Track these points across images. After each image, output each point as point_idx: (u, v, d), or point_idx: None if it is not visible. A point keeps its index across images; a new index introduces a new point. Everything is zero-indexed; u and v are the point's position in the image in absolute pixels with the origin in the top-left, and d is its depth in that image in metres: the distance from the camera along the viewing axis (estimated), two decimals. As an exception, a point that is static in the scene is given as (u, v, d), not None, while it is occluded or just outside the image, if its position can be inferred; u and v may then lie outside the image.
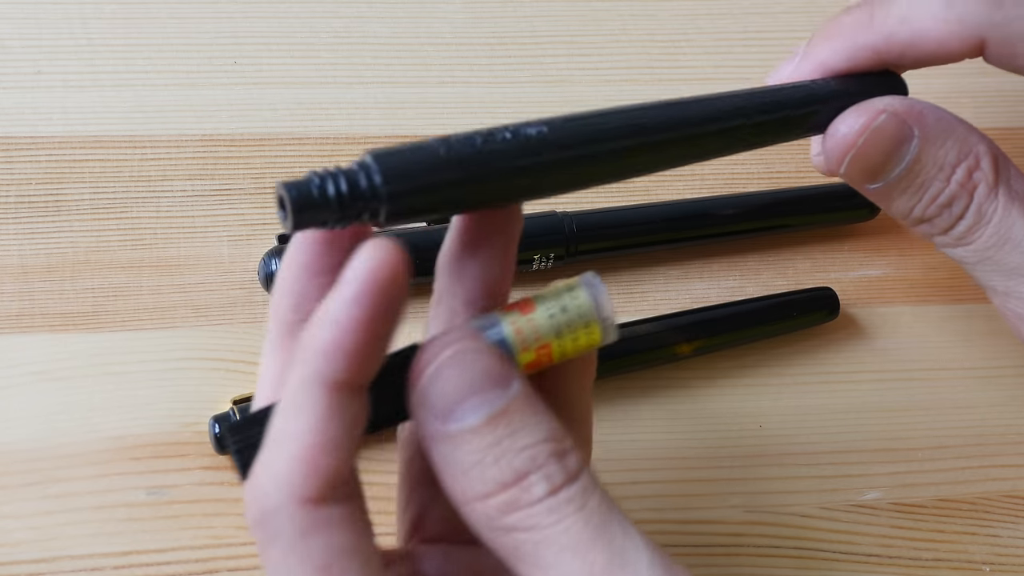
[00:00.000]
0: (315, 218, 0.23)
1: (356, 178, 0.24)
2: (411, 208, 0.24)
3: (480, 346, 0.24)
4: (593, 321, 0.26)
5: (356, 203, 0.24)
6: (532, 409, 0.24)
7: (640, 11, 0.48)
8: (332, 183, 0.24)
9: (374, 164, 0.24)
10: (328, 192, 0.23)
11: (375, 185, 0.24)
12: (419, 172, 0.24)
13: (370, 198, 0.24)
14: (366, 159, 0.24)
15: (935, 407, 0.42)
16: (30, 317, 0.38)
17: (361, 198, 0.24)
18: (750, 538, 0.38)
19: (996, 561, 0.39)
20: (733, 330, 0.41)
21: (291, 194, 0.23)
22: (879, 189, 0.32)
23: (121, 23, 0.44)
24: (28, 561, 0.34)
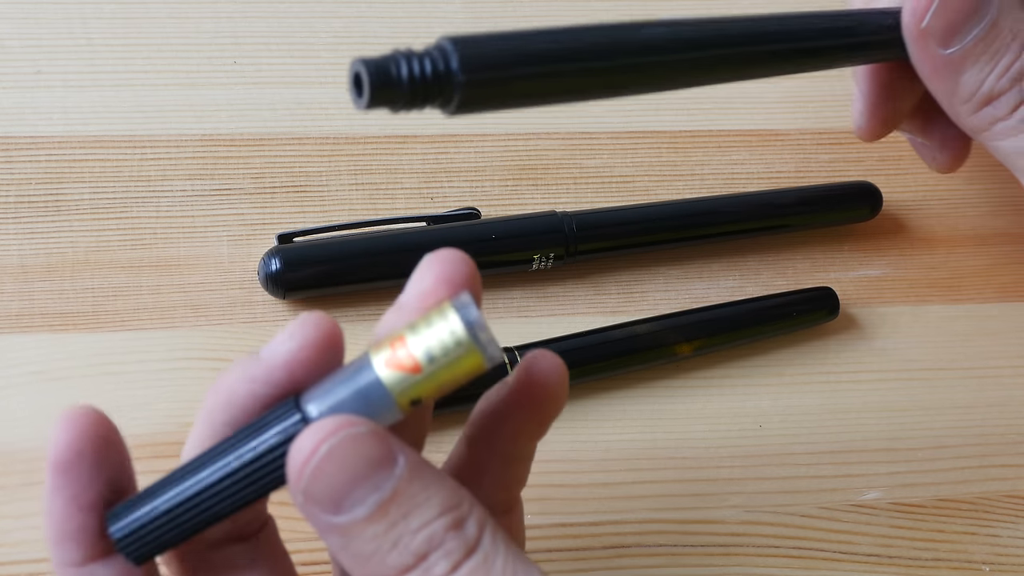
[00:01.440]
0: (391, 97, 0.23)
1: (435, 62, 0.24)
2: (485, 97, 0.24)
3: (358, 431, 0.23)
4: (471, 346, 0.23)
5: (432, 86, 0.24)
6: (421, 483, 0.23)
7: (640, 11, 0.48)
8: (408, 64, 0.23)
9: (452, 48, 0.24)
10: (404, 73, 0.23)
11: (451, 69, 0.24)
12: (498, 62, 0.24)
13: (446, 82, 0.24)
14: (444, 43, 0.24)
15: (935, 407, 0.42)
16: (30, 317, 0.38)
17: (437, 82, 0.24)
18: (750, 538, 0.38)
19: (996, 561, 0.39)
20: (733, 330, 0.41)
21: (370, 69, 0.23)
22: (953, 56, 0.31)
23: (121, 23, 0.44)
24: (28, 561, 0.34)
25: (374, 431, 0.23)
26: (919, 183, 0.47)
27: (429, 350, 0.23)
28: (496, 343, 0.24)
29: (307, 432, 0.23)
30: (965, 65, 0.32)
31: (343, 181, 0.42)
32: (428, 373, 0.23)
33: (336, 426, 0.22)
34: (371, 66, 0.23)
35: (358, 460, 0.22)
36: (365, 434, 0.23)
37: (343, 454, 0.22)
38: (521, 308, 0.41)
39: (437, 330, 0.23)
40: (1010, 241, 0.46)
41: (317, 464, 0.22)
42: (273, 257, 0.39)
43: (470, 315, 0.23)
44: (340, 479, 0.22)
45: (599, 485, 0.38)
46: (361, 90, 0.23)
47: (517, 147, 0.44)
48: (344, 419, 0.23)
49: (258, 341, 0.39)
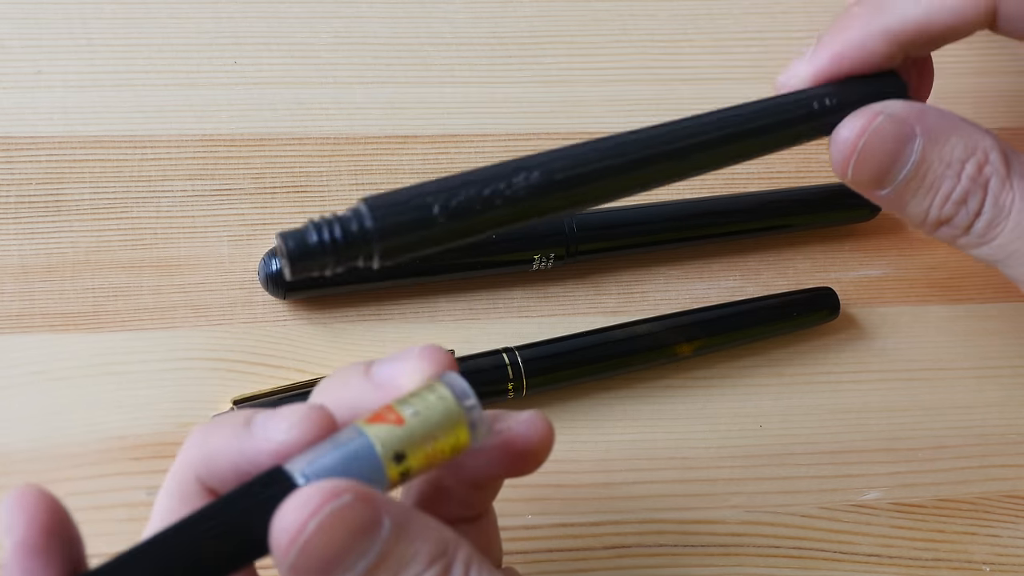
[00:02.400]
0: (312, 264, 0.25)
1: (348, 224, 0.25)
2: (402, 247, 0.26)
3: (341, 503, 0.22)
4: (462, 425, 0.24)
5: (350, 247, 0.25)
6: (407, 539, 0.23)
7: (640, 11, 0.48)
8: (327, 230, 0.25)
9: (365, 209, 0.25)
10: (323, 238, 0.25)
11: (366, 228, 0.25)
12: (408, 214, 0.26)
13: (362, 241, 0.25)
14: (359, 205, 0.26)
15: (935, 407, 0.42)
16: (30, 317, 0.38)
17: (354, 242, 0.25)
18: (750, 538, 0.38)
19: (996, 561, 0.39)
20: (733, 330, 0.41)
21: (288, 244, 0.25)
22: (890, 195, 0.32)
23: (121, 23, 0.44)
24: (28, 561, 0.34)
25: (358, 497, 0.22)
26: (919, 183, 0.47)
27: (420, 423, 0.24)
28: (486, 420, 0.24)
29: (291, 506, 0.22)
30: (904, 199, 0.32)
31: (344, 181, 0.42)
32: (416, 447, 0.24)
33: (322, 499, 0.22)
34: (288, 239, 0.25)
35: (345, 533, 0.22)
36: (350, 503, 0.22)
37: (330, 528, 0.22)
38: (521, 308, 0.41)
39: (428, 404, 0.24)
40: (1010, 241, 0.46)
41: (304, 541, 0.22)
42: (274, 257, 0.39)
43: (460, 388, 0.24)
44: (328, 553, 0.22)
45: (599, 485, 0.38)
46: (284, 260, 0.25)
47: (517, 147, 0.44)
48: (328, 489, 0.22)
49: (259, 341, 0.39)
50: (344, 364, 0.38)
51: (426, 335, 0.40)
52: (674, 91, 0.47)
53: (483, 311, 0.41)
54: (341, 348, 0.39)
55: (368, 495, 0.23)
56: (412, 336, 0.40)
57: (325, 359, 0.39)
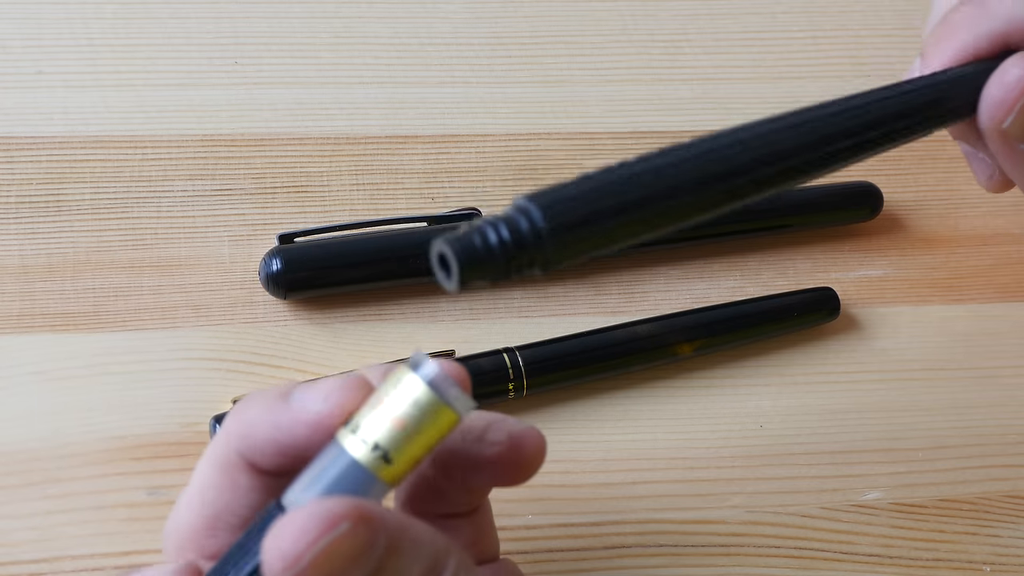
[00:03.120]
0: (482, 272, 0.22)
1: (516, 223, 0.22)
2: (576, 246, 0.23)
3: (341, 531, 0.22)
4: (440, 405, 0.23)
5: (520, 249, 0.22)
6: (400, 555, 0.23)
7: (640, 11, 0.48)
8: (493, 231, 0.22)
9: (530, 204, 0.22)
10: (491, 241, 0.22)
11: (535, 224, 0.22)
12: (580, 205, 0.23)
13: (533, 240, 0.22)
14: (521, 201, 0.23)
15: (935, 407, 0.42)
16: (31, 317, 0.38)
17: (523, 242, 0.22)
18: (750, 538, 0.38)
19: (996, 561, 0.39)
20: (733, 330, 0.41)
21: (454, 249, 0.22)
22: None
23: (121, 23, 0.44)
24: (28, 561, 0.34)
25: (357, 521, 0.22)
26: (919, 183, 0.47)
27: (394, 414, 0.23)
28: (464, 398, 0.23)
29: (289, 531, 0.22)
30: None
31: (344, 181, 0.42)
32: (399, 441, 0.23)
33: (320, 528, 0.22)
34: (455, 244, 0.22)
35: (342, 559, 0.22)
36: (349, 531, 0.22)
37: (328, 558, 0.22)
38: (521, 308, 0.41)
39: (397, 392, 0.23)
40: (1010, 241, 0.46)
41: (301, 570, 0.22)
42: (274, 257, 0.39)
43: (428, 372, 0.23)
44: None
45: (599, 485, 0.38)
46: (449, 271, 0.22)
47: (518, 147, 0.44)
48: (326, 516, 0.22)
49: (259, 341, 0.39)
50: (344, 364, 0.39)
51: (426, 335, 0.40)
52: (674, 91, 0.47)
53: (483, 311, 0.41)
54: (341, 348, 0.39)
55: (366, 516, 0.22)
56: (412, 336, 0.40)
57: (325, 359, 0.39)
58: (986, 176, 0.37)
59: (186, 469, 0.36)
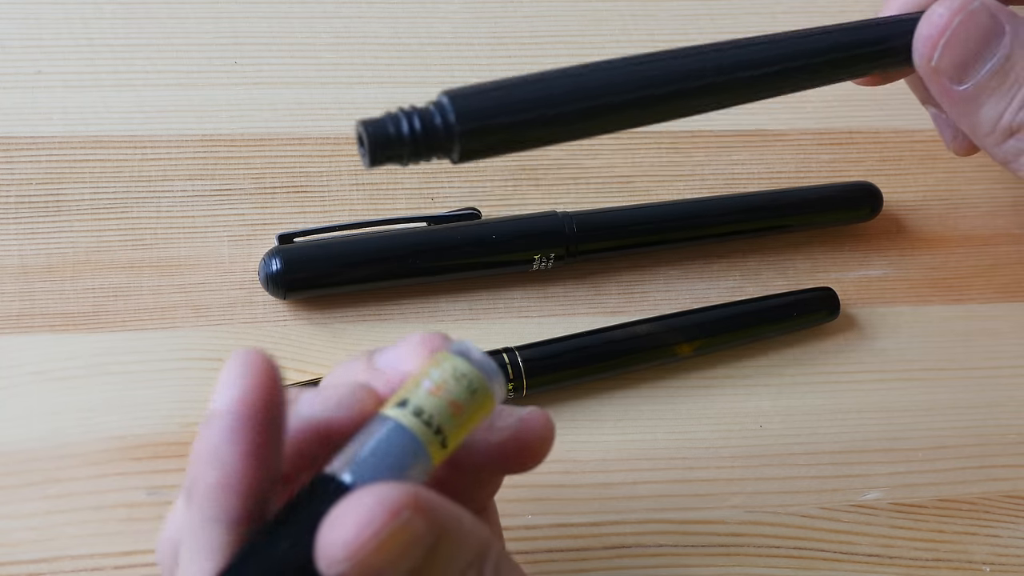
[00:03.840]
0: (391, 154, 0.25)
1: (431, 117, 0.25)
2: (484, 146, 0.26)
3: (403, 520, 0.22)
4: (487, 387, 0.24)
5: (430, 141, 0.25)
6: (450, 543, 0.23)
7: (640, 11, 0.48)
8: (406, 122, 0.25)
9: (448, 103, 0.25)
10: (402, 130, 0.25)
11: (449, 123, 0.25)
12: (492, 111, 0.25)
13: (444, 137, 0.25)
14: (441, 99, 0.25)
15: (935, 407, 0.42)
16: (30, 317, 0.38)
17: (435, 136, 0.25)
18: (750, 538, 0.38)
19: (996, 561, 0.39)
20: (733, 330, 0.41)
21: (368, 130, 0.25)
22: (967, 91, 0.31)
23: (121, 23, 0.44)
24: (28, 561, 0.34)
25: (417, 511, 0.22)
26: (919, 183, 0.47)
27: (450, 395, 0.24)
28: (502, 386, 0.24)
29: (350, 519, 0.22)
30: (981, 99, 0.31)
31: (344, 181, 0.42)
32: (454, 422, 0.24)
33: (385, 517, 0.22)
34: (369, 126, 0.25)
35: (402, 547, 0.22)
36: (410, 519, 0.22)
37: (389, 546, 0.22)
38: (521, 308, 0.41)
39: (450, 375, 0.24)
40: (1010, 241, 0.46)
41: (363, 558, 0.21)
42: (274, 257, 0.39)
43: (471, 352, 0.24)
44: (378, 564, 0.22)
45: (599, 485, 0.38)
46: (364, 149, 0.25)
47: (517, 147, 0.44)
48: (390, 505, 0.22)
49: (258, 341, 0.39)
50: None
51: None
52: (674, 91, 0.47)
53: (483, 311, 0.41)
54: (341, 348, 0.39)
55: (425, 505, 0.22)
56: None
57: (325, 359, 0.39)
58: (950, 136, 0.38)
59: (186, 469, 0.36)
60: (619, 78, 0.27)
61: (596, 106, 0.26)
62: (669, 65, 0.28)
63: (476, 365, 0.24)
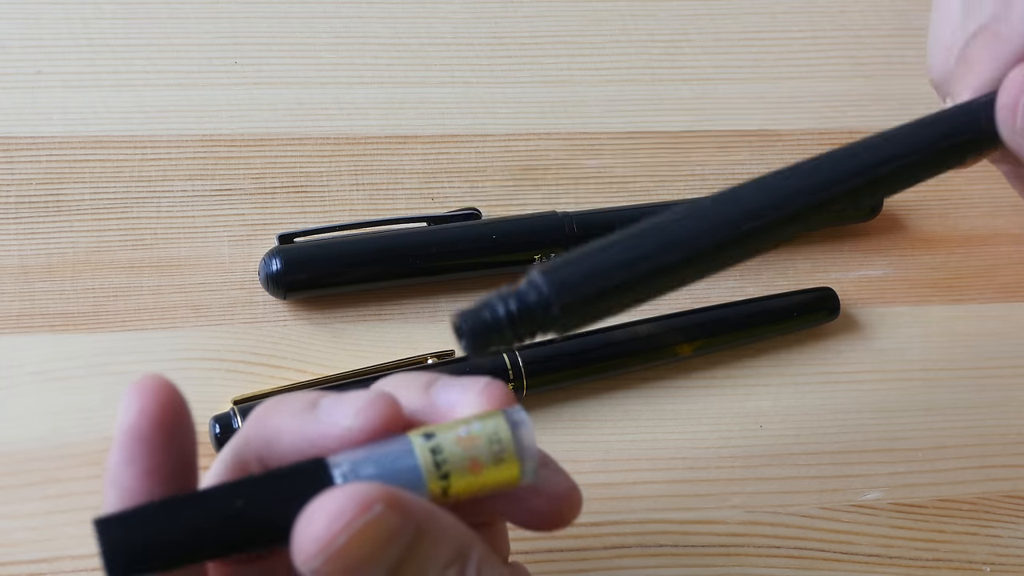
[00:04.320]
0: (492, 341, 0.24)
1: (525, 296, 0.24)
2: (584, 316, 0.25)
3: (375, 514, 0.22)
4: (514, 464, 0.24)
5: (529, 321, 0.24)
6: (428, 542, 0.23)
7: (640, 11, 0.48)
8: (502, 305, 0.24)
9: (541, 278, 0.24)
10: (499, 314, 0.24)
11: (544, 297, 0.24)
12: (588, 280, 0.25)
13: (541, 313, 0.24)
14: (533, 275, 0.25)
15: (935, 407, 0.42)
16: (30, 317, 0.38)
17: (533, 315, 0.24)
18: (750, 538, 0.38)
19: (996, 561, 0.39)
20: (733, 330, 0.41)
21: (466, 324, 0.24)
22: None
23: (121, 23, 0.44)
24: (28, 561, 0.34)
25: (389, 505, 0.22)
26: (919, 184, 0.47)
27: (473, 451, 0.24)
28: (536, 469, 0.24)
29: (323, 513, 0.22)
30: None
31: (344, 181, 0.42)
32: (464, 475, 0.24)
33: (355, 511, 0.22)
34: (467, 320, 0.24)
35: (374, 544, 0.22)
36: (382, 514, 0.22)
37: (360, 541, 0.22)
38: (521, 308, 0.41)
39: (486, 435, 0.24)
40: (1010, 241, 0.46)
41: (333, 552, 0.22)
42: (274, 257, 0.39)
43: (524, 436, 0.24)
44: (353, 562, 0.22)
45: (599, 485, 0.38)
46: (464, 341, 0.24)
47: (517, 147, 0.44)
48: (361, 500, 0.22)
49: (259, 341, 0.39)
50: (344, 364, 0.38)
51: (426, 335, 0.40)
52: (674, 91, 0.47)
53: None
54: (341, 348, 0.39)
55: (397, 501, 0.22)
56: (412, 336, 0.40)
57: (325, 359, 0.39)
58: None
59: (186, 469, 0.36)
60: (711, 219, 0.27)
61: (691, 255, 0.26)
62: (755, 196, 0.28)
63: (516, 439, 0.24)
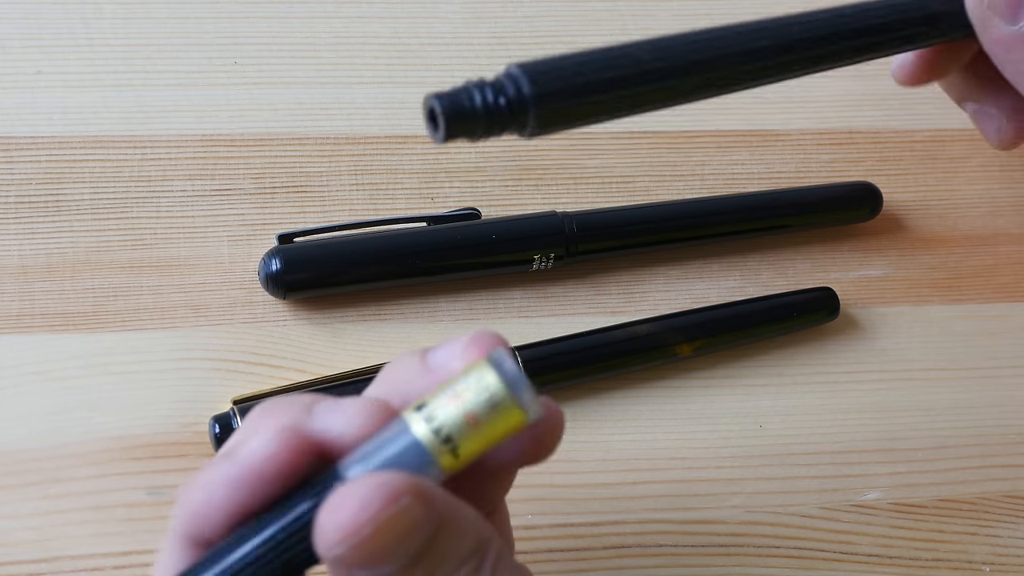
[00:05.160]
0: (465, 128, 0.24)
1: (504, 87, 0.24)
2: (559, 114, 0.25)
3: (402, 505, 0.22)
4: (511, 404, 0.23)
5: (505, 112, 0.24)
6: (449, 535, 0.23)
7: (640, 11, 0.48)
8: (479, 94, 0.24)
9: (520, 72, 0.24)
10: (475, 103, 0.24)
11: (522, 92, 0.24)
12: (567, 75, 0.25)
13: (518, 106, 0.24)
14: (512, 69, 0.25)
15: (935, 407, 0.42)
16: (30, 317, 0.38)
17: (509, 107, 0.24)
18: (750, 538, 0.38)
19: (996, 561, 0.39)
20: (733, 330, 0.41)
21: (443, 104, 0.24)
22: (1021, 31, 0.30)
23: (121, 23, 0.44)
24: (28, 561, 0.34)
25: (416, 497, 0.22)
26: (919, 183, 0.47)
27: (466, 406, 0.23)
28: (535, 399, 0.23)
29: (349, 503, 0.22)
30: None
31: (343, 181, 0.42)
32: (468, 435, 0.23)
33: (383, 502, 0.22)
34: (444, 100, 0.24)
35: (398, 534, 0.22)
36: (409, 505, 0.22)
37: (386, 531, 0.22)
38: (521, 308, 0.41)
39: (473, 385, 0.23)
40: (1010, 241, 0.46)
41: (358, 542, 0.22)
42: (273, 257, 0.39)
43: (505, 367, 0.23)
44: (377, 551, 0.22)
45: (599, 485, 0.38)
46: (437, 124, 0.24)
47: (517, 147, 0.44)
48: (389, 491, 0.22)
49: (259, 341, 0.39)
50: (344, 364, 0.38)
51: (426, 335, 0.40)
52: (674, 91, 0.47)
53: (483, 311, 0.41)
54: (341, 348, 0.39)
55: (424, 493, 0.22)
56: (412, 336, 0.40)
57: (325, 359, 0.39)
58: (994, 129, 0.37)
59: (186, 469, 0.36)
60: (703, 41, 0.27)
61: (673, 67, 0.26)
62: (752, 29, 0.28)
63: (504, 379, 0.23)
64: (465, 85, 0.24)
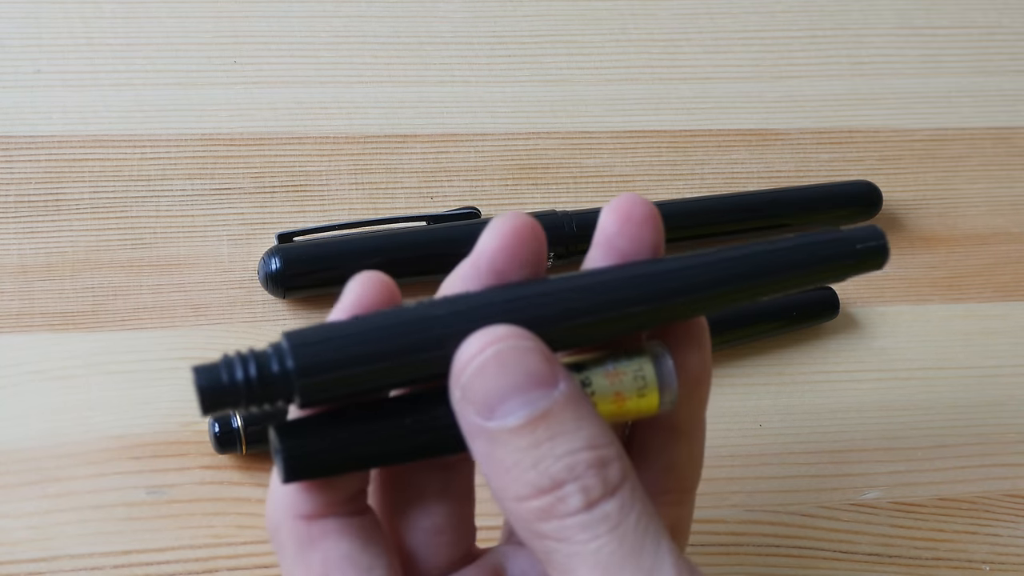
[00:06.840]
0: (224, 403, 0.23)
1: (268, 361, 0.23)
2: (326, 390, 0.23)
3: (526, 344, 0.23)
4: (655, 398, 0.25)
5: (267, 387, 0.23)
6: (575, 414, 0.23)
7: (640, 11, 0.48)
8: (242, 367, 0.23)
9: (287, 345, 0.23)
10: (236, 377, 0.23)
11: (285, 366, 0.23)
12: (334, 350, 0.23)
13: (280, 381, 0.23)
14: (280, 341, 0.23)
15: (935, 406, 0.42)
16: (30, 316, 0.38)
17: (272, 382, 0.23)
18: (750, 538, 0.38)
19: (996, 560, 0.39)
20: (733, 330, 0.41)
21: (199, 381, 0.23)
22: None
23: (121, 22, 0.44)
24: (28, 560, 0.34)
25: (542, 350, 0.23)
26: (919, 183, 0.47)
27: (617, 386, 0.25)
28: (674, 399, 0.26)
29: (477, 333, 0.23)
30: None
31: (343, 180, 0.42)
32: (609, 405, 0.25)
33: (507, 334, 0.23)
34: (201, 375, 0.23)
35: (520, 370, 0.23)
36: (532, 348, 0.23)
37: (507, 360, 0.23)
38: (521, 308, 0.41)
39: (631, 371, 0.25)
40: (1010, 241, 0.46)
41: (480, 364, 0.23)
42: (273, 256, 0.39)
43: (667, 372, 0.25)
44: (498, 384, 0.23)
45: (599, 484, 0.38)
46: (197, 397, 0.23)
47: (517, 147, 0.44)
48: (515, 330, 0.23)
49: (258, 340, 0.39)
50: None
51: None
52: (674, 90, 0.47)
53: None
54: (341, 347, 0.39)
55: (549, 355, 0.23)
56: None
57: (325, 358, 0.39)
58: None
59: (186, 469, 0.36)
60: None
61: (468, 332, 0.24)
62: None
63: (659, 375, 0.25)
64: (226, 358, 0.23)
